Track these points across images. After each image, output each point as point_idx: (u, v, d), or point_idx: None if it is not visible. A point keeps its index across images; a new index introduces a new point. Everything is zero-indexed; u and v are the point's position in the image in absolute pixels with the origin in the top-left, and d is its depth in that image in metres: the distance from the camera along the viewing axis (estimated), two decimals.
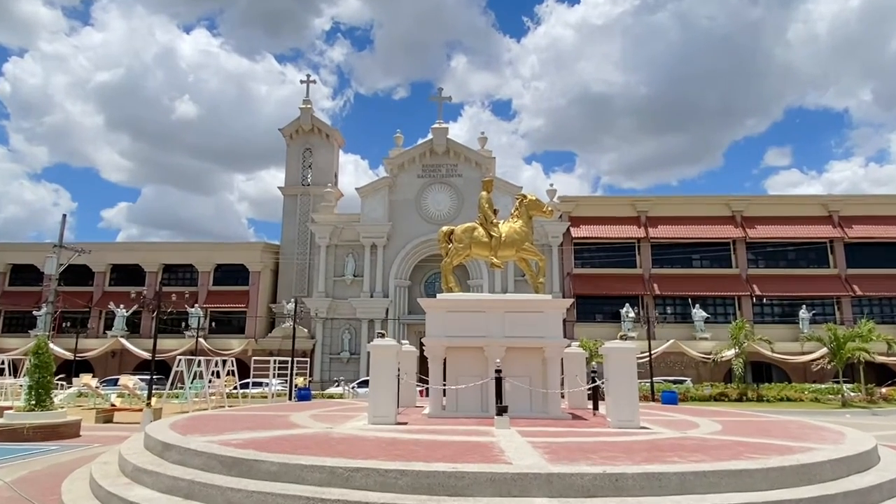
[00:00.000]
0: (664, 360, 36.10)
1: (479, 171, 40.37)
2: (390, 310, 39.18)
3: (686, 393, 28.04)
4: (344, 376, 37.51)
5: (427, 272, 41.98)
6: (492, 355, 12.08)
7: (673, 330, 37.46)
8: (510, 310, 12.64)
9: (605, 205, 41.59)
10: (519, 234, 13.57)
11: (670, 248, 39.94)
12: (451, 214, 40.05)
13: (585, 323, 38.70)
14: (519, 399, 12.22)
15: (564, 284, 39.56)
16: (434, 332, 12.68)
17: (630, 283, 39.11)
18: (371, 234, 39.59)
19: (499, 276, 38.64)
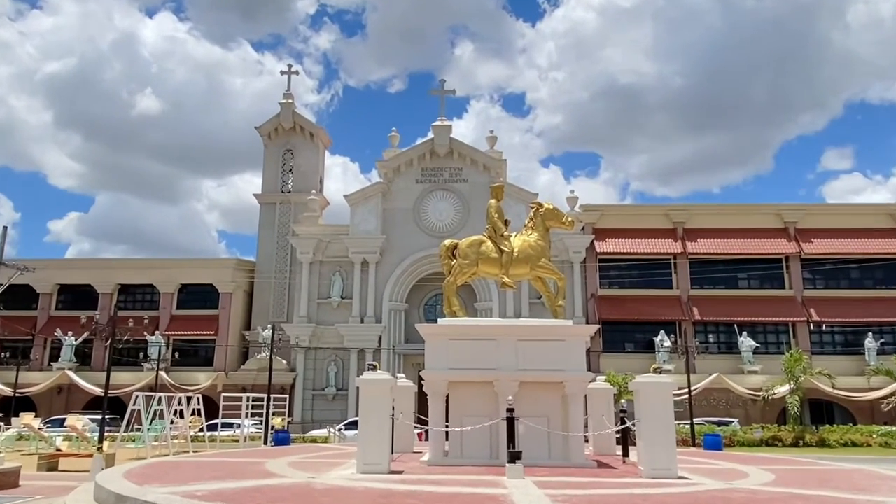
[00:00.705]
0: (706, 398, 35.82)
1: (488, 175, 40.57)
2: (384, 338, 39.09)
3: (732, 437, 27.79)
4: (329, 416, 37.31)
5: (427, 293, 41.89)
6: (503, 391, 12.04)
7: (716, 362, 37.23)
8: (524, 337, 12.63)
9: (635, 214, 41.66)
10: (534, 249, 13.63)
11: (712, 266, 39.88)
12: (454, 226, 40.13)
13: (613, 353, 38.49)
14: (535, 444, 12.15)
15: (588, 308, 39.46)
16: (435, 364, 12.65)
17: (665, 307, 39.00)
18: (362, 248, 39.70)
19: (511, 298, 38.54)
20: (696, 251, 39.65)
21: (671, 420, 10.56)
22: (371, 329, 39.01)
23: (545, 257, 13.72)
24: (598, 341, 38.44)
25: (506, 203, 36.90)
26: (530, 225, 14.08)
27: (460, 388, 12.81)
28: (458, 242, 14.29)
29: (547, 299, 14.42)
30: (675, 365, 35.57)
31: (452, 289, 13.82)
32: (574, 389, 12.36)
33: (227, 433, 28.33)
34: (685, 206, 42.34)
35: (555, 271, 13.93)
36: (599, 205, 42.40)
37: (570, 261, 39.31)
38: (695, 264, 40.02)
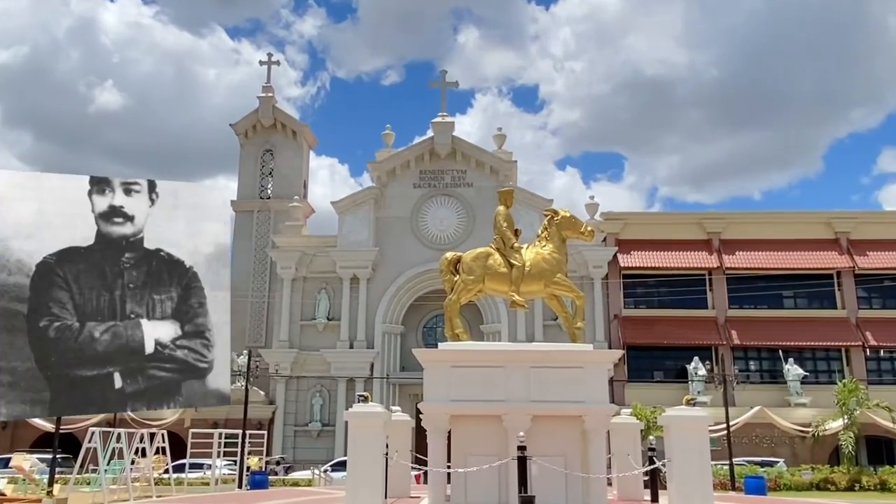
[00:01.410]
0: (747, 434, 35.60)
1: (496, 178, 40.71)
2: (377, 365, 39.02)
3: (778, 479, 27.61)
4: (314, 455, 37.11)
5: (426, 314, 41.82)
6: (513, 426, 12.00)
7: (758, 393, 37.07)
8: (538, 364, 12.61)
9: (664, 224, 41.72)
10: (549, 263, 13.66)
11: (753, 283, 39.85)
12: (457, 236, 40.20)
13: (639, 383, 38.37)
14: (550, 487, 12.09)
15: (610, 331, 39.38)
16: (435, 395, 12.61)
17: (700, 329, 38.93)
18: (351, 262, 39.75)
19: (522, 319, 38.48)
20: (735, 265, 39.64)
21: (707, 460, 10.50)
22: (362, 355, 38.93)
23: (561, 272, 13.73)
24: (622, 369, 38.29)
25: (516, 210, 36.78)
26: (544, 235, 14.11)
27: (464, 423, 12.74)
28: (461, 255, 14.31)
29: (563, 320, 14.39)
30: (710, 396, 35.42)
31: (455, 308, 13.81)
32: (595, 424, 12.31)
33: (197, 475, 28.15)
34: (721, 214, 42.36)
35: (572, 288, 13.93)
36: (623, 212, 42.40)
37: (590, 276, 39.31)
38: (733, 280, 39.96)
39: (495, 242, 14.14)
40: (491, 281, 13.79)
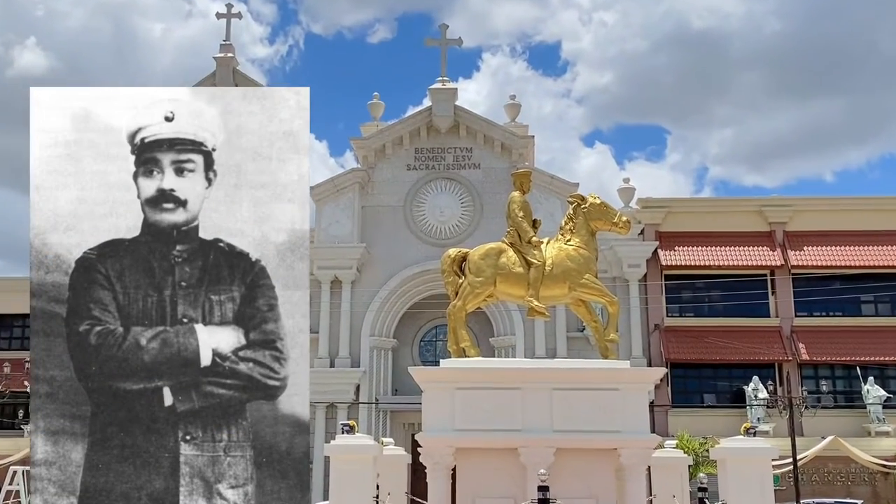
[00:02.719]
0: (818, 470, 35.61)
1: (509, 158, 40.70)
2: (363, 387, 39.02)
3: None
4: None
5: (424, 325, 41.73)
6: (532, 462, 12.04)
7: (832, 420, 37.02)
8: (562, 385, 12.64)
9: (715, 212, 41.63)
10: (574, 261, 13.68)
11: (826, 284, 39.80)
12: (462, 229, 40.18)
13: (686, 408, 38.32)
14: None
15: (650, 345, 39.35)
16: (436, 425, 12.63)
17: (760, 342, 38.89)
18: (331, 262, 39.75)
19: (541, 330, 38.44)
20: (803, 263, 39.58)
21: (771, 500, 10.55)
22: (345, 375, 38.93)
23: (590, 272, 13.75)
24: (664, 391, 38.25)
25: (534, 197, 36.87)
26: (569, 227, 14.16)
27: (472, 458, 12.74)
28: (467, 252, 14.34)
29: (593, 332, 14.40)
30: (773, 424, 35.39)
31: (460, 317, 13.83)
32: (633, 459, 12.32)
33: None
34: (786, 199, 42.25)
35: (604, 292, 13.95)
36: (665, 199, 42.29)
37: (625, 278, 39.27)
38: (801, 282, 39.92)
39: (509, 236, 14.15)
40: (504, 283, 13.80)
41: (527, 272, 13.67)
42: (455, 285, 14.11)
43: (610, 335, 13.80)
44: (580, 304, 14.18)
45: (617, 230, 14.14)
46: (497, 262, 13.80)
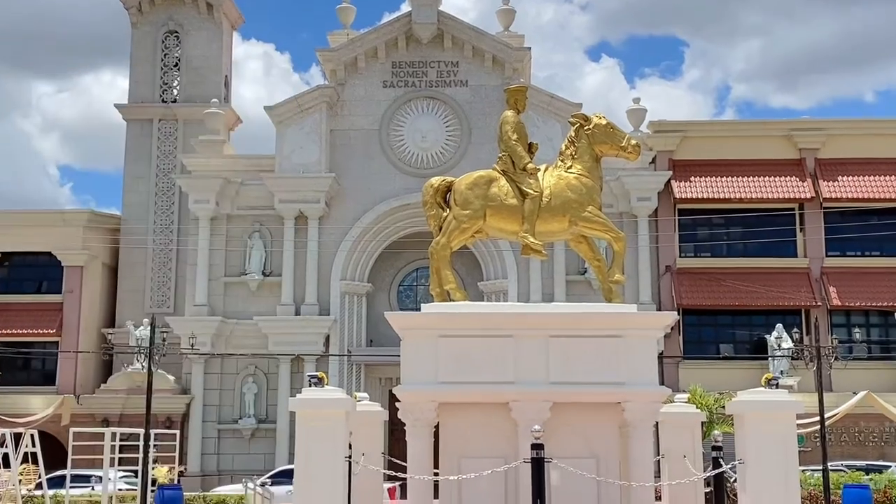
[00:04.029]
0: (848, 430, 36.32)
1: (501, 74, 40.38)
2: (334, 338, 39.28)
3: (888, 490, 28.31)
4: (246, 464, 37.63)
5: (402, 267, 41.90)
6: (525, 418, 12.23)
7: (865, 373, 37.61)
8: (560, 332, 12.77)
9: (738, 137, 41.60)
10: (576, 191, 13.68)
11: (860, 219, 40.00)
12: (447, 157, 40.10)
13: (699, 360, 38.85)
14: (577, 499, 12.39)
15: (660, 288, 39.69)
16: (416, 377, 12.77)
17: (785, 286, 39.21)
18: (296, 194, 39.60)
19: (537, 272, 38.70)
20: (837, 195, 39.71)
21: (794, 462, 10.78)
22: (313, 325, 39.14)
23: (594, 204, 13.73)
24: (675, 341, 38.69)
25: (531, 119, 36.82)
26: (570, 152, 14.09)
27: (457, 414, 12.92)
28: (453, 181, 14.29)
29: (596, 272, 14.46)
30: (798, 379, 35.90)
31: (445, 256, 13.86)
32: (639, 414, 12.53)
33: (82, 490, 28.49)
34: (820, 122, 42.20)
35: (609, 227, 13.95)
36: (681, 122, 42.23)
37: (633, 213, 39.44)
38: (833, 217, 40.11)
39: (501, 162, 14.10)
40: (495, 217, 13.78)
41: (521, 204, 13.62)
42: (439, 219, 14.06)
43: (615, 276, 13.81)
44: (582, 240, 14.17)
45: (625, 155, 14.05)
46: (487, 192, 13.74)
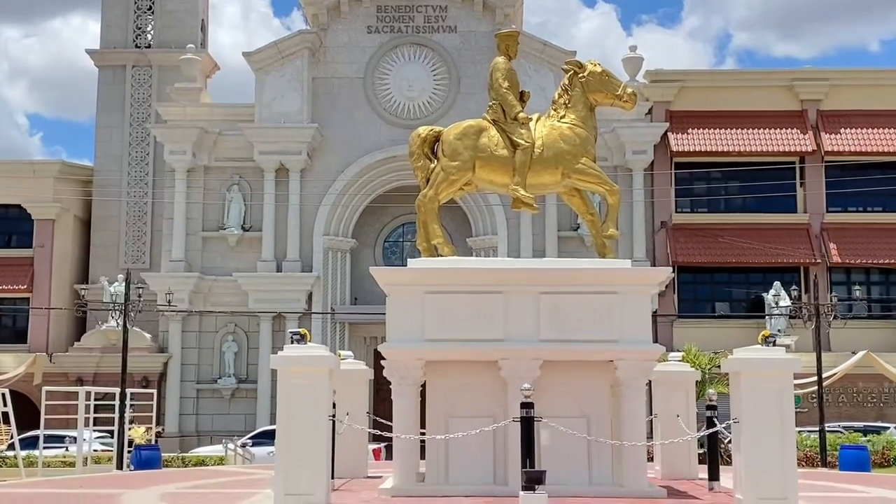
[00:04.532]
0: (846, 390, 36.67)
1: (492, 20, 40.08)
2: (316, 296, 39.32)
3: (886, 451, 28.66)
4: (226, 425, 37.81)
5: (388, 222, 41.83)
6: (515, 376, 12.29)
7: (864, 332, 37.94)
8: (551, 288, 12.80)
9: (738, 87, 41.48)
10: (569, 141, 13.63)
11: (863, 173, 40.06)
12: (434, 107, 39.88)
13: (694, 319, 39.07)
14: (567, 460, 12.50)
15: (655, 245, 39.78)
16: (402, 334, 12.81)
17: (784, 242, 39.34)
18: (277, 145, 39.42)
19: (528, 228, 38.73)
20: (839, 149, 39.76)
21: (791, 421, 10.83)
22: (294, 281, 39.15)
23: (588, 155, 13.70)
24: (670, 299, 38.89)
25: (523, 67, 36.51)
26: (563, 101, 14.02)
27: (445, 373, 12.98)
28: (441, 131, 14.21)
29: (589, 227, 14.47)
30: (796, 338, 36.17)
31: (432, 209, 13.82)
32: (631, 372, 12.61)
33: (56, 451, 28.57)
34: (823, 72, 42.15)
35: (603, 179, 13.95)
36: (679, 71, 42.07)
37: (629, 167, 39.38)
38: (835, 171, 40.17)
39: (491, 111, 14.02)
40: (484, 169, 13.73)
41: (512, 155, 13.56)
42: (426, 171, 14.00)
43: (609, 230, 13.81)
44: (574, 193, 14.16)
45: (621, 104, 13.97)
46: (476, 142, 13.67)
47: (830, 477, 18.42)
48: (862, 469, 21.36)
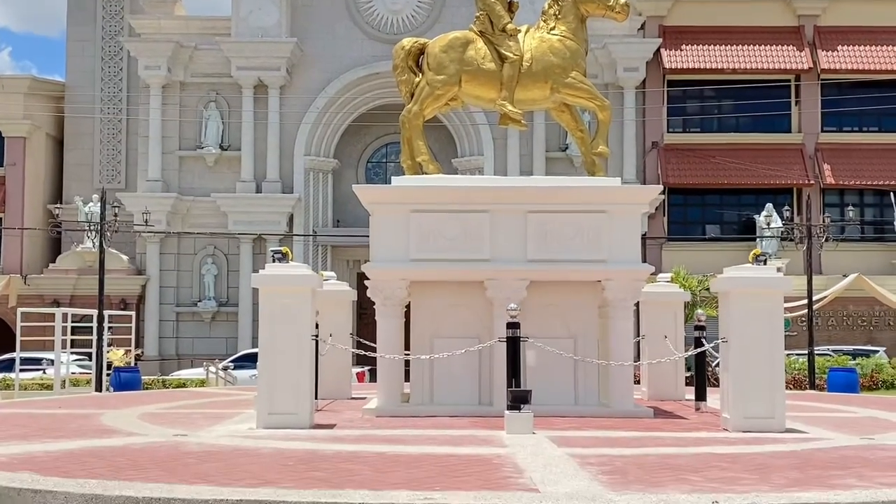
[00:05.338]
0: (836, 313, 37.08)
1: None
2: (297, 218, 39.35)
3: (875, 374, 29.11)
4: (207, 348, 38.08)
5: (371, 142, 41.68)
6: (501, 297, 12.37)
7: (856, 255, 38.26)
8: (539, 207, 12.82)
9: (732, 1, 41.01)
10: (559, 55, 13.52)
11: (862, 92, 39.95)
12: (419, 20, 39.48)
13: (684, 243, 39.31)
14: (553, 380, 12.68)
15: (646, 166, 39.81)
16: (386, 254, 12.85)
17: (777, 163, 39.40)
18: (255, 61, 39.02)
19: (515, 147, 38.67)
20: (835, 66, 39.57)
21: (780, 341, 10.94)
22: (275, 203, 39.12)
23: (577, 69, 13.61)
24: (659, 222, 39.04)
25: None
26: (553, 12, 13.88)
27: (429, 293, 13.06)
28: (426, 43, 14.06)
29: (579, 143, 14.45)
30: (787, 261, 36.39)
31: (417, 125, 13.75)
32: (620, 293, 12.73)
33: (32, 375, 28.82)
34: None
35: (594, 94, 13.90)
36: None
37: (619, 84, 39.21)
38: (831, 89, 40.07)
39: (478, 23, 13.87)
40: (471, 83, 13.64)
41: (499, 69, 13.45)
42: (410, 85, 13.90)
43: (599, 147, 13.79)
44: (564, 109, 14.09)
45: (613, 16, 13.77)
46: (463, 55, 13.55)
47: (819, 398, 18.77)
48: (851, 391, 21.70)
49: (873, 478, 7.27)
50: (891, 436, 10.58)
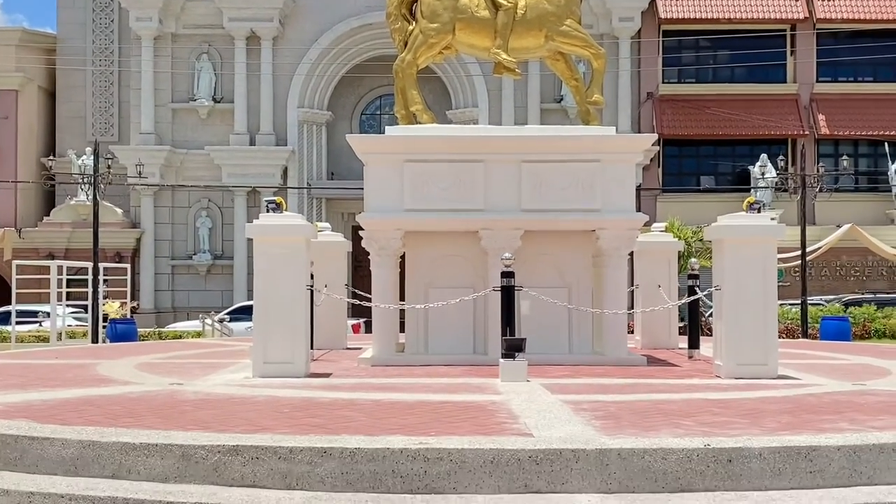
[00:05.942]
0: (829, 264, 37.28)
1: None
2: (292, 170, 39.32)
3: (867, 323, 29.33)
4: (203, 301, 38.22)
5: (365, 94, 41.55)
6: (495, 246, 12.37)
7: (850, 205, 38.39)
8: (534, 156, 12.77)
9: None
10: (553, 3, 13.39)
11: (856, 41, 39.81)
12: None
13: (679, 194, 39.42)
14: (547, 329, 12.74)
15: (640, 116, 39.77)
16: (381, 204, 12.82)
17: (772, 113, 39.40)
18: (246, 11, 38.75)
19: (510, 98, 38.54)
20: (831, 16, 39.40)
21: (773, 289, 10.95)
22: (269, 155, 39.07)
23: (573, 17, 13.46)
24: (654, 174, 39.08)
25: None
26: None
27: (424, 244, 13.06)
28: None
29: (573, 92, 14.36)
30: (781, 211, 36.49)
31: (411, 74, 13.64)
32: (614, 242, 12.72)
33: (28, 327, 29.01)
34: None
35: (589, 43, 13.77)
36: None
37: (614, 34, 39.02)
38: (827, 39, 39.92)
39: None
40: (465, 31, 13.49)
41: (494, 16, 13.29)
42: (404, 34, 13.77)
43: (593, 96, 13.69)
44: (559, 58, 13.98)
45: None
46: (457, 3, 13.37)
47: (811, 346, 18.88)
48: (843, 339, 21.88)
49: (865, 422, 7.36)
50: (883, 381, 10.68)
